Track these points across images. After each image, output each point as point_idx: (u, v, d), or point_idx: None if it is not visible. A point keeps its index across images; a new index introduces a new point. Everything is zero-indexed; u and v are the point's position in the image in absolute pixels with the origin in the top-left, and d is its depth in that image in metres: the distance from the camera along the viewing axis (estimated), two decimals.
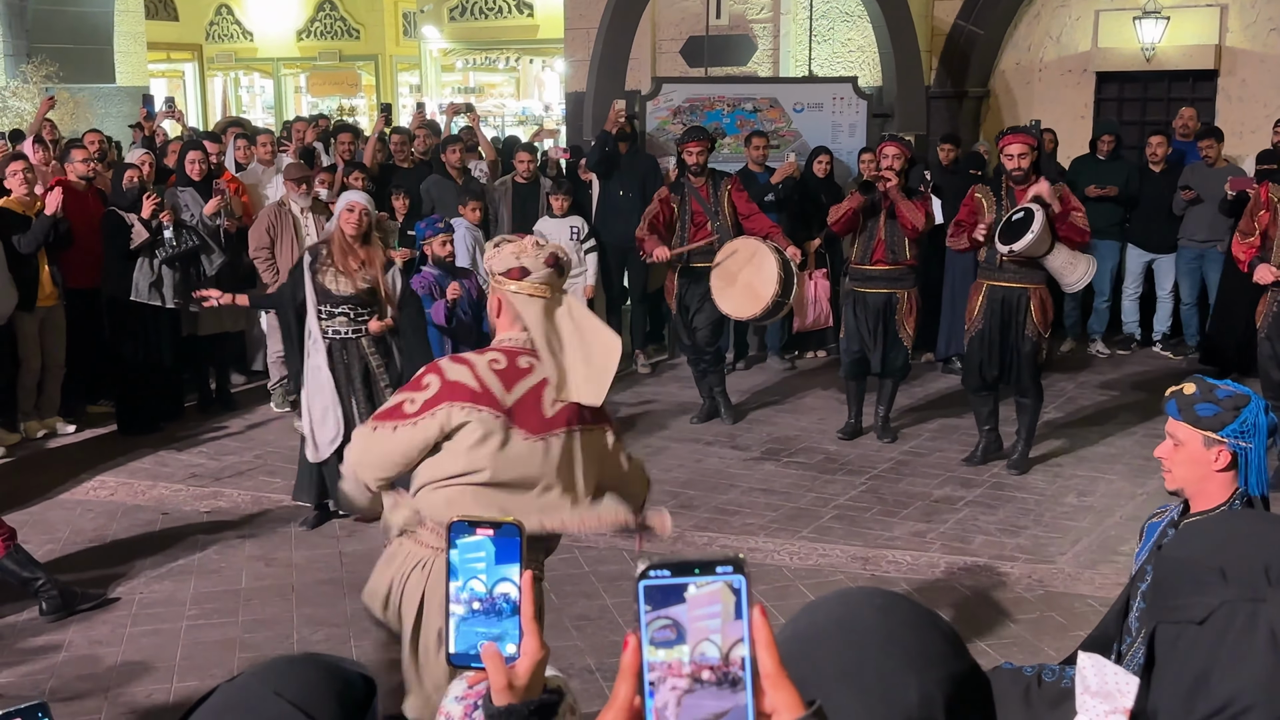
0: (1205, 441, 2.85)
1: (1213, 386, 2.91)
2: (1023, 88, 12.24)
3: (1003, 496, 6.77)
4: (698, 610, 0.98)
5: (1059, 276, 6.85)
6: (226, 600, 5.46)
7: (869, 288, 7.54)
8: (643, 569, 0.99)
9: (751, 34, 12.18)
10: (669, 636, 0.98)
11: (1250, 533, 1.49)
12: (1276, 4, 10.99)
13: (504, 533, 1.20)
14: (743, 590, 0.98)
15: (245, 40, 25.50)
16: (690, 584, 0.98)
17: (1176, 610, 1.44)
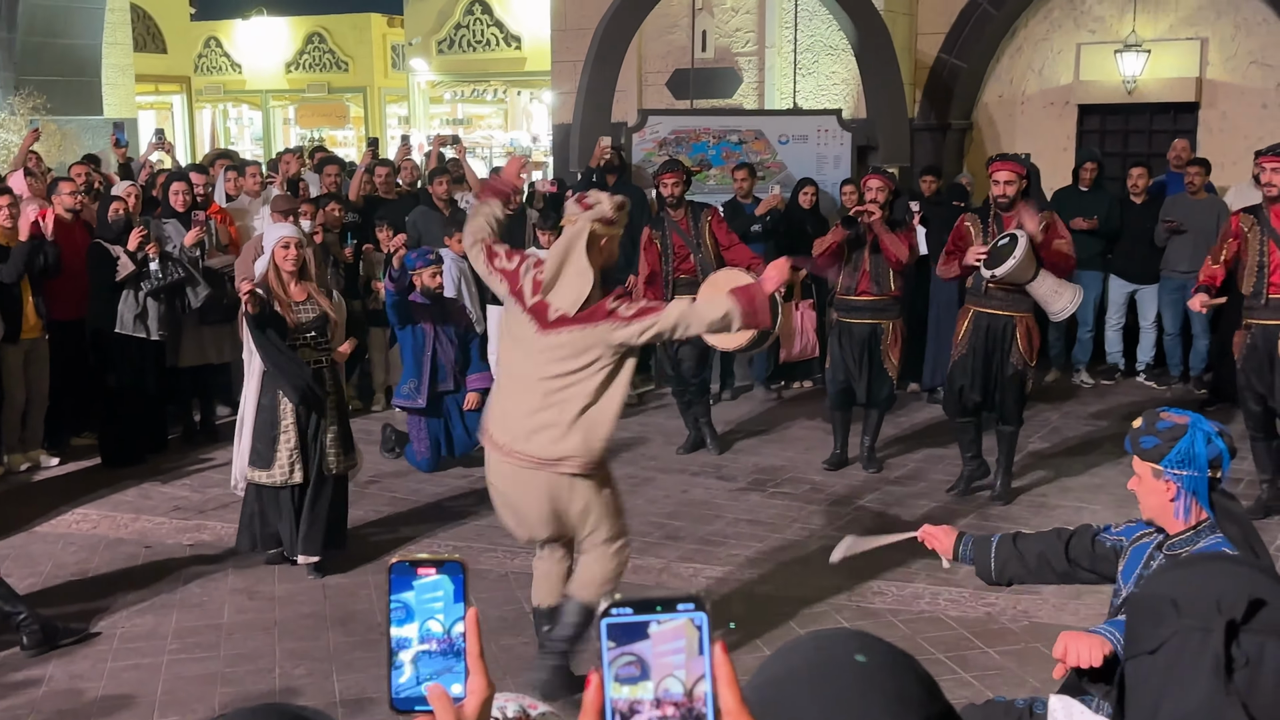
0: (1154, 473, 2.95)
1: (1157, 418, 3.01)
2: (1006, 120, 12.34)
3: (987, 527, 6.76)
4: (662, 646, 0.98)
5: (1045, 304, 6.87)
6: (208, 634, 5.42)
7: (854, 318, 7.56)
8: (605, 607, 0.99)
9: (737, 67, 12.27)
10: (633, 673, 0.98)
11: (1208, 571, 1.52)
12: (1256, 37, 11.11)
13: (451, 569, 1.17)
14: (704, 627, 0.98)
15: (234, 72, 25.61)
16: (653, 621, 0.98)
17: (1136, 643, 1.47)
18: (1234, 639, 1.45)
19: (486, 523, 6.87)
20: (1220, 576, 1.51)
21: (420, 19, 21.82)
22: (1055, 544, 3.46)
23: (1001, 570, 3.48)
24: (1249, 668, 1.46)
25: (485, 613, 5.59)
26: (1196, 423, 2.99)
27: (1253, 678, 1.46)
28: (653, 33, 12.38)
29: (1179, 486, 2.94)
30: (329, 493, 6.03)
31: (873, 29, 10.72)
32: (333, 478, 6.03)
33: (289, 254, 5.92)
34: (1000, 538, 3.53)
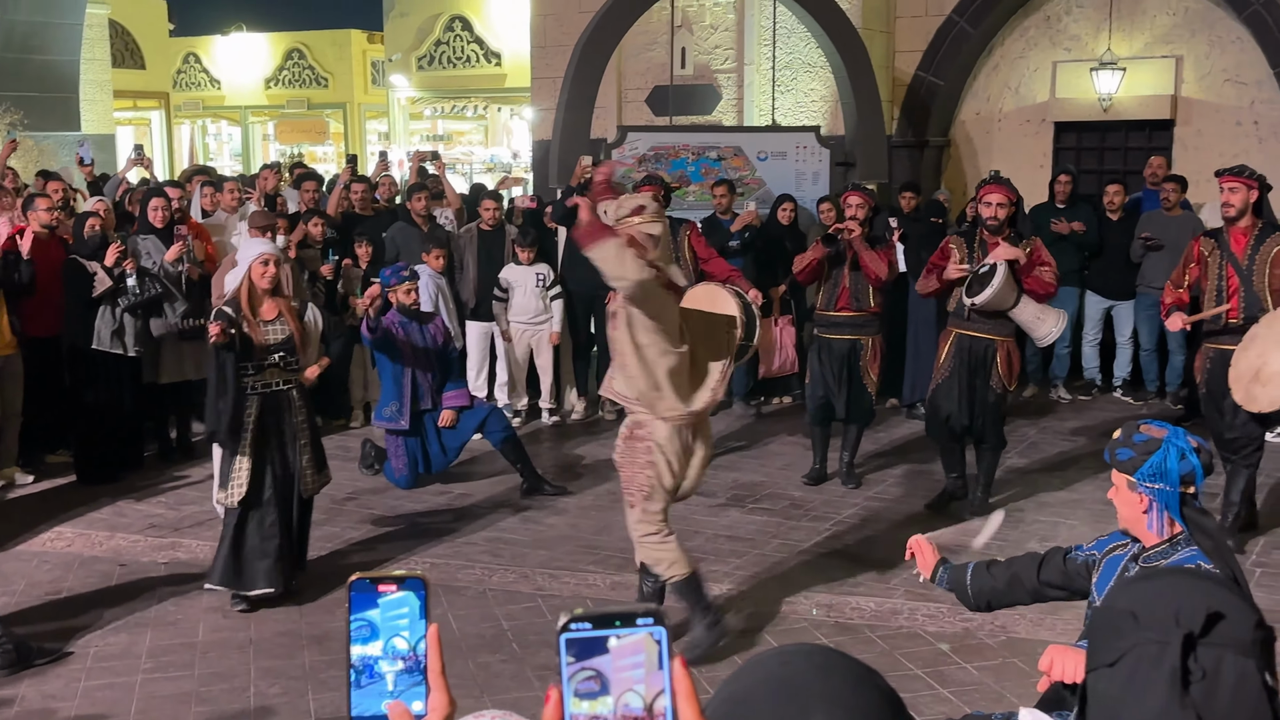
0: (1129, 484, 2.97)
1: (1135, 430, 3.03)
2: (983, 137, 12.41)
3: (964, 542, 6.77)
4: (621, 661, 0.98)
5: (1029, 330, 6.90)
6: (183, 653, 5.38)
7: (834, 334, 7.58)
8: (564, 621, 0.99)
9: (716, 84, 12.32)
10: (593, 688, 0.98)
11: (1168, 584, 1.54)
12: (1230, 55, 11.22)
13: (414, 586, 1.15)
14: (664, 642, 0.98)
15: (213, 88, 25.56)
16: (612, 636, 0.98)
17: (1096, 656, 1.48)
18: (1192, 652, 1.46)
19: (464, 540, 6.86)
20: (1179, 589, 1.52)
21: (400, 35, 21.84)
22: (1027, 566, 3.50)
23: (979, 595, 3.52)
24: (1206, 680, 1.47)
25: (463, 630, 5.57)
26: (1173, 437, 3.00)
27: (1209, 690, 1.47)
28: (632, 50, 12.42)
29: (1151, 500, 2.97)
30: (299, 516, 5.95)
31: (851, 47, 10.78)
32: (305, 502, 5.96)
33: (267, 271, 5.79)
34: (975, 565, 3.57)
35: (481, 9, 21.36)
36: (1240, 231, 6.51)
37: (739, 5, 12.28)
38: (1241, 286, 6.45)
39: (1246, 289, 6.44)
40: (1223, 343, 6.49)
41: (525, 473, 7.71)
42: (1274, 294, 6.41)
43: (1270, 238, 6.48)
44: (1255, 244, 6.47)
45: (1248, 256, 6.46)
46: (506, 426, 7.86)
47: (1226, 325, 6.51)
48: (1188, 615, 1.47)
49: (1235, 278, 6.48)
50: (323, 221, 9.14)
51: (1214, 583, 1.60)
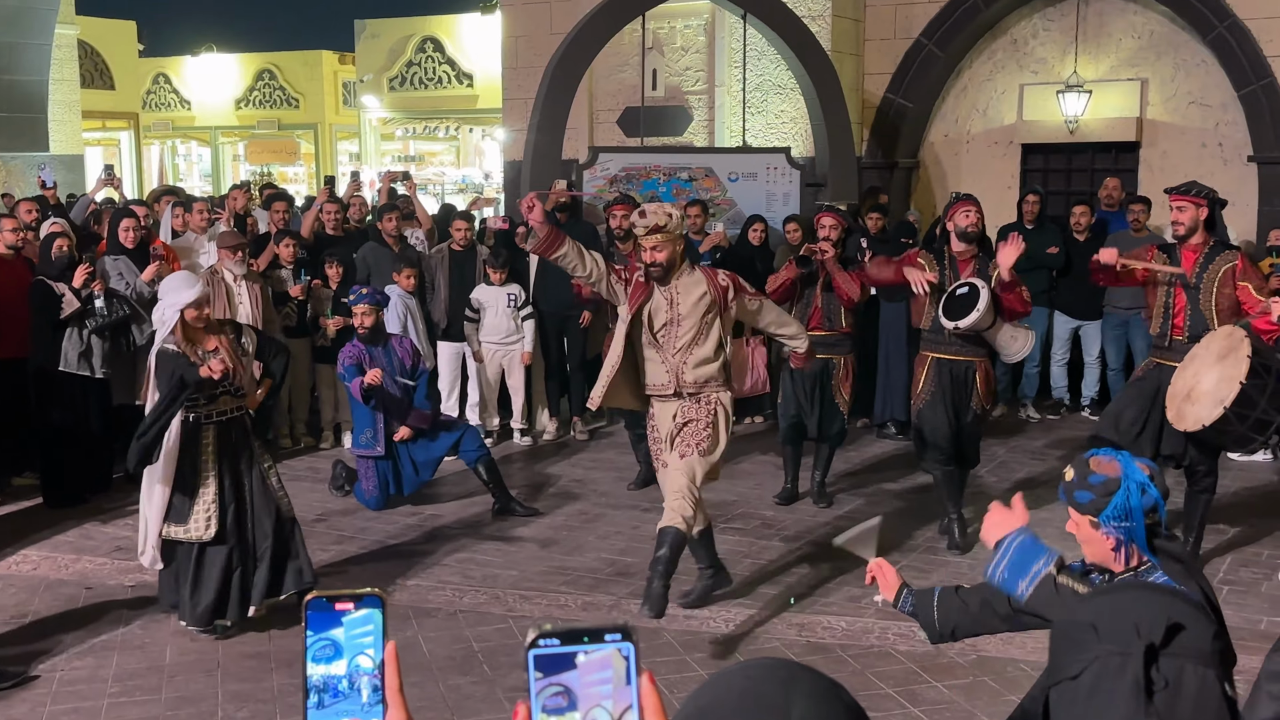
0: (1091, 524, 2.95)
1: (1088, 470, 2.98)
2: (951, 159, 12.52)
3: (936, 561, 6.81)
4: (589, 676, 0.98)
5: (1000, 349, 6.90)
6: (150, 677, 5.32)
7: None
8: (532, 638, 0.99)
9: (687, 105, 12.38)
10: (560, 704, 0.98)
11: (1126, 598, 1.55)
12: (1195, 78, 11.38)
13: (372, 603, 1.13)
14: (631, 657, 0.99)
15: (183, 109, 25.48)
16: (580, 651, 0.98)
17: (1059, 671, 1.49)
18: (1153, 663, 1.48)
19: (435, 561, 6.82)
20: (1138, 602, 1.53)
21: (372, 56, 21.85)
22: (997, 593, 3.43)
23: (945, 622, 3.42)
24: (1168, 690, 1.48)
25: (434, 652, 5.53)
26: (1128, 473, 2.97)
27: (1171, 700, 1.48)
28: (603, 71, 12.47)
29: (1119, 538, 2.95)
30: (272, 537, 5.83)
31: (821, 69, 10.87)
32: (275, 524, 5.87)
33: (200, 315, 5.60)
34: (941, 590, 3.48)
35: (453, 30, 21.41)
36: (1190, 249, 6.44)
37: (710, 27, 12.36)
38: (1188, 304, 6.38)
39: (1193, 307, 6.37)
40: (1167, 359, 6.42)
41: (497, 493, 7.68)
42: (1220, 313, 6.32)
43: (1220, 256, 6.39)
44: (1204, 262, 6.39)
45: (1196, 275, 6.39)
46: (480, 446, 7.84)
47: (1172, 343, 6.44)
48: (1148, 627, 1.48)
49: (1183, 295, 6.41)
50: (294, 242, 9.12)
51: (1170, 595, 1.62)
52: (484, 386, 9.46)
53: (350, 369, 7.58)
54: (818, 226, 7.62)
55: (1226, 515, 7.41)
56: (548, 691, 0.98)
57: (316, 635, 1.12)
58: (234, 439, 5.74)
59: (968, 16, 11.92)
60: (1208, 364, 5.83)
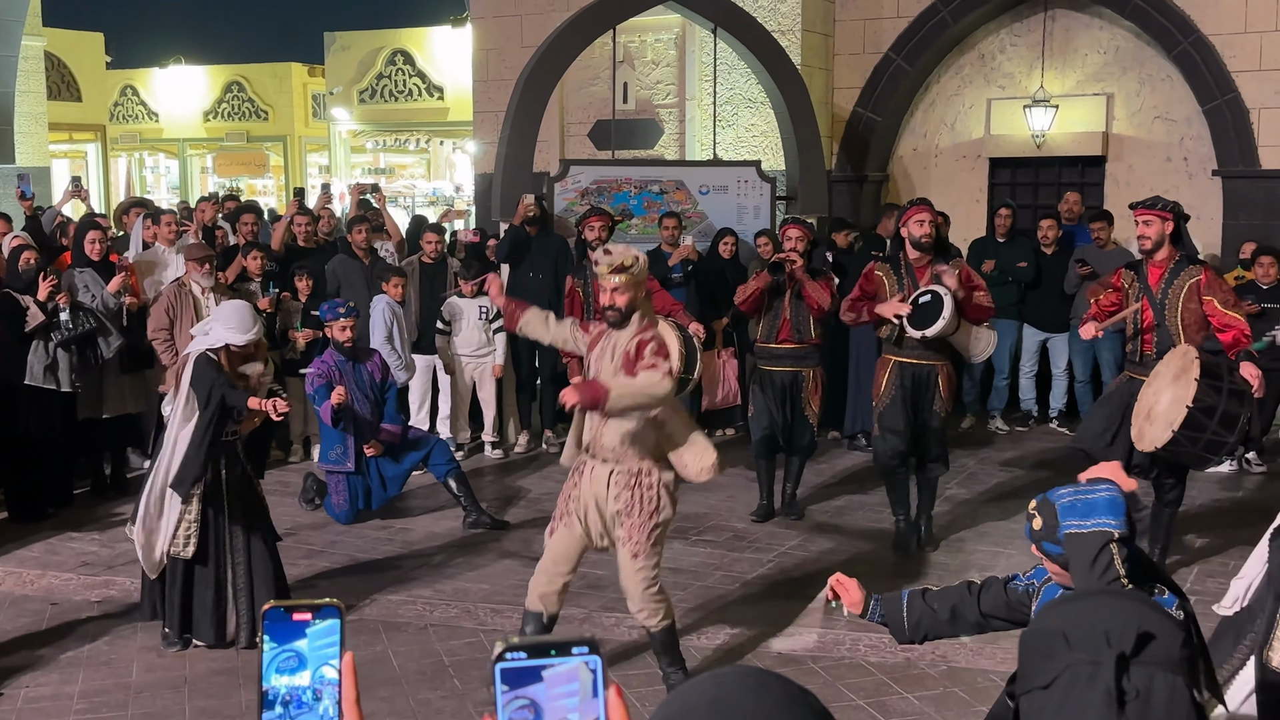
0: (1062, 564, 2.93)
1: (1054, 523, 2.83)
2: (920, 172, 12.60)
3: (908, 572, 6.83)
4: (555, 689, 0.98)
5: (963, 350, 6.97)
6: (116, 694, 5.27)
7: (775, 366, 7.61)
8: (499, 651, 0.99)
9: (658, 118, 12.41)
10: (527, 717, 0.98)
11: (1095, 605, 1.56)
12: (1160, 93, 11.50)
13: (330, 613, 1.12)
14: (598, 670, 0.99)
15: (151, 121, 25.33)
16: (547, 665, 0.98)
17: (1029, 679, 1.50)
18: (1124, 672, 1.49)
19: (405, 575, 6.79)
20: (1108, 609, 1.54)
21: (341, 69, 21.79)
22: (967, 596, 3.45)
23: (915, 627, 3.45)
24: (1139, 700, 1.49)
25: (404, 666, 5.51)
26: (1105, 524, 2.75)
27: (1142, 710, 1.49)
28: (574, 84, 12.49)
29: None
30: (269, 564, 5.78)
31: (791, 83, 10.92)
32: (269, 550, 5.81)
33: (246, 351, 5.61)
34: (909, 594, 3.50)
35: (423, 43, 21.38)
36: (1156, 265, 6.48)
37: (680, 41, 12.41)
38: (1155, 316, 6.42)
39: (1160, 322, 6.41)
40: (1138, 373, 6.47)
41: (468, 506, 7.66)
42: (1186, 328, 6.35)
43: (1185, 270, 6.43)
44: (1170, 277, 6.43)
45: (1162, 290, 6.43)
46: (450, 460, 7.82)
47: (1143, 357, 6.49)
48: (1118, 635, 1.49)
49: (1150, 311, 6.45)
50: (262, 255, 9.07)
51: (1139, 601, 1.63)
52: (455, 399, 9.43)
53: (321, 390, 7.53)
54: (783, 238, 7.65)
55: (1193, 526, 7.48)
56: (514, 705, 0.98)
57: (279, 646, 1.10)
58: (226, 461, 5.70)
59: (935, 32, 12.02)
60: (1165, 382, 5.88)
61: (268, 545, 5.79)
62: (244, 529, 5.73)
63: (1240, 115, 10.91)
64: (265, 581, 5.72)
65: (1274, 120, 10.82)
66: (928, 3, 11.94)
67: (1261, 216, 10.85)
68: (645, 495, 5.03)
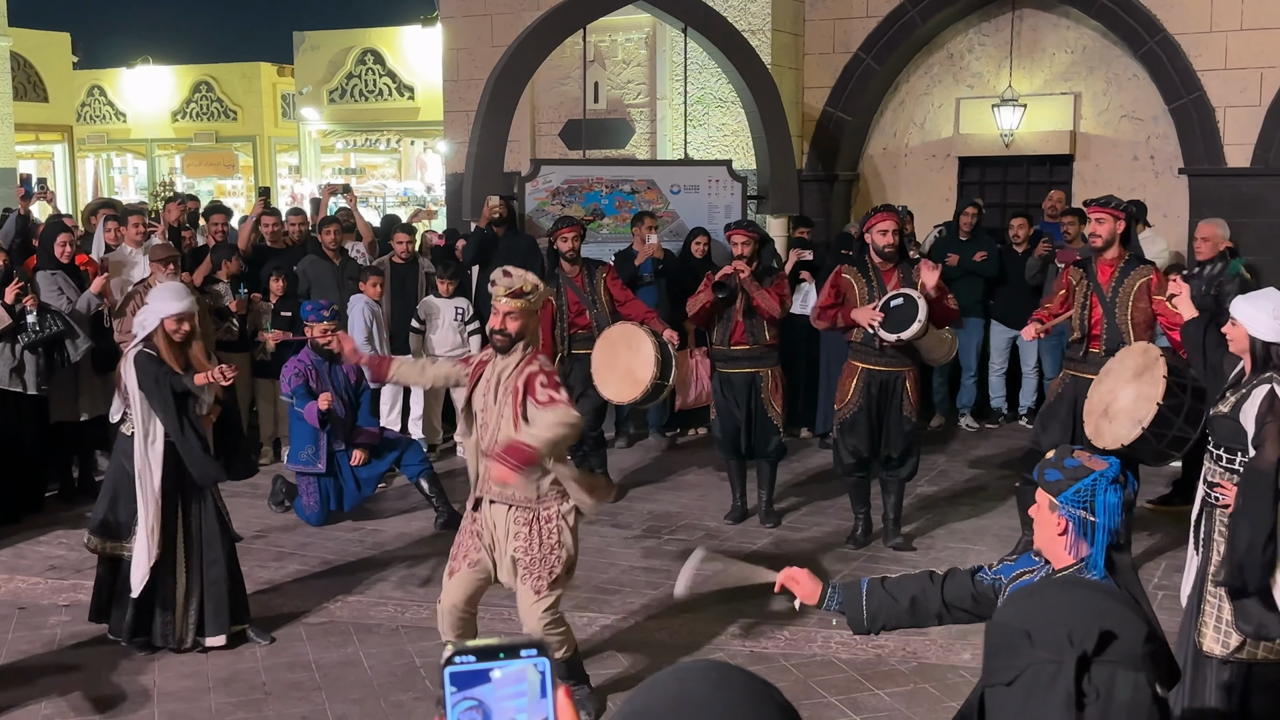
0: (1050, 505, 3.00)
1: (1068, 454, 3.05)
2: (890, 171, 12.66)
3: (878, 570, 6.86)
4: (504, 690, 0.98)
5: (926, 354, 7.00)
6: (83, 698, 5.22)
7: (733, 368, 7.55)
8: (448, 655, 0.99)
9: (629, 118, 12.42)
10: (475, 718, 0.98)
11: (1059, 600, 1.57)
12: (1127, 92, 11.60)
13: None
14: (547, 672, 0.99)
15: (118, 121, 25.13)
16: (495, 667, 0.98)
17: (992, 673, 1.51)
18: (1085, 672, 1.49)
19: (377, 576, 6.77)
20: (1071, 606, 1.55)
21: (311, 68, 21.68)
22: (929, 586, 3.42)
23: (874, 617, 3.40)
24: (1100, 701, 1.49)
25: (376, 668, 5.49)
26: (1106, 471, 3.02)
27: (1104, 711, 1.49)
28: (545, 84, 12.47)
29: (1069, 524, 3.00)
30: (224, 562, 5.72)
31: (761, 83, 10.95)
32: (226, 547, 5.77)
33: (181, 329, 5.53)
34: (869, 583, 3.46)
35: (394, 42, 21.30)
36: (1106, 263, 6.52)
37: (651, 41, 12.42)
38: (1104, 318, 6.47)
39: (1109, 320, 6.45)
40: (1082, 370, 6.50)
41: (440, 507, 7.64)
42: (1135, 327, 6.41)
43: (1135, 270, 6.49)
44: (1120, 275, 6.48)
45: (1112, 288, 6.48)
46: (423, 461, 7.80)
47: (1088, 355, 6.52)
48: (1080, 634, 1.50)
49: (1099, 308, 6.50)
50: (236, 258, 9.01)
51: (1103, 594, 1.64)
52: (427, 400, 9.40)
53: (300, 389, 7.49)
54: (729, 244, 7.60)
55: (1159, 522, 7.54)
56: (462, 706, 0.98)
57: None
58: (181, 460, 5.60)
59: (904, 31, 12.07)
60: (1123, 379, 5.88)
61: (226, 545, 5.73)
62: (200, 529, 5.67)
63: (1206, 114, 11.01)
64: (223, 583, 5.68)
65: (1239, 119, 10.93)
66: (897, 2, 11.99)
67: (1227, 215, 10.91)
68: (545, 530, 4.83)
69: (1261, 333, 4.31)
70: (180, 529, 5.61)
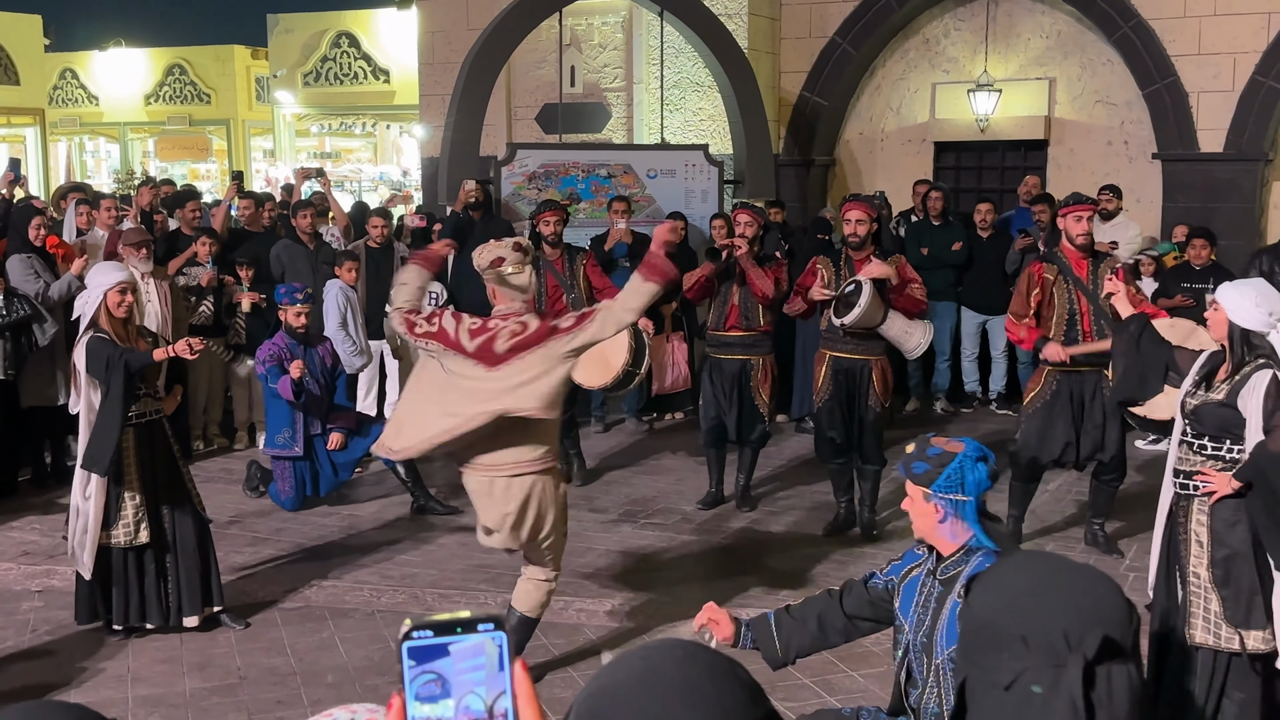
0: (924, 496, 3.08)
1: (928, 444, 3.14)
2: (866, 156, 12.68)
3: (853, 554, 6.90)
4: (462, 664, 0.99)
5: (898, 344, 6.99)
6: (58, 684, 5.20)
7: (725, 354, 7.57)
8: (406, 630, 0.99)
9: (605, 102, 12.38)
10: (434, 691, 0.98)
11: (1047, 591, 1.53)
12: (1101, 78, 11.64)
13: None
14: (504, 646, 1.00)
15: (91, 104, 24.89)
16: (453, 642, 0.99)
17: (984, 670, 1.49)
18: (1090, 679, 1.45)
19: (353, 561, 6.76)
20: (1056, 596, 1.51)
21: (285, 51, 21.52)
22: (830, 603, 3.47)
23: (787, 647, 3.44)
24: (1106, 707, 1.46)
25: (351, 653, 5.49)
26: (967, 451, 3.12)
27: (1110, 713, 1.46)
28: (521, 68, 12.43)
29: (946, 510, 3.08)
30: (195, 543, 5.72)
31: (737, 67, 10.94)
32: (197, 528, 5.76)
33: (124, 300, 5.46)
34: (775, 614, 3.49)
35: (369, 25, 21.16)
36: (1082, 256, 6.63)
37: (627, 25, 12.38)
38: (1091, 307, 6.56)
39: (1095, 309, 6.54)
40: (1076, 365, 6.59)
41: (416, 492, 7.63)
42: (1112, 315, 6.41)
43: (1105, 260, 6.69)
44: (1095, 265, 6.62)
45: (1091, 279, 6.58)
46: None
47: None
48: (1076, 632, 1.46)
49: (1084, 300, 6.58)
50: (210, 240, 8.95)
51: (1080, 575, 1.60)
52: (402, 384, 9.38)
53: (272, 369, 7.46)
54: (735, 223, 7.65)
55: (1133, 504, 7.60)
56: (421, 680, 0.98)
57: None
58: (154, 442, 5.61)
59: (881, 16, 12.08)
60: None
61: (197, 526, 5.71)
62: (172, 511, 5.65)
63: (1179, 99, 11.07)
64: (194, 565, 5.66)
65: (1212, 104, 11.00)
66: None
67: (1200, 199, 11.03)
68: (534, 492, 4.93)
69: (1242, 319, 4.35)
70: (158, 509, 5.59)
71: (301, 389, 7.38)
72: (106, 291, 5.45)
